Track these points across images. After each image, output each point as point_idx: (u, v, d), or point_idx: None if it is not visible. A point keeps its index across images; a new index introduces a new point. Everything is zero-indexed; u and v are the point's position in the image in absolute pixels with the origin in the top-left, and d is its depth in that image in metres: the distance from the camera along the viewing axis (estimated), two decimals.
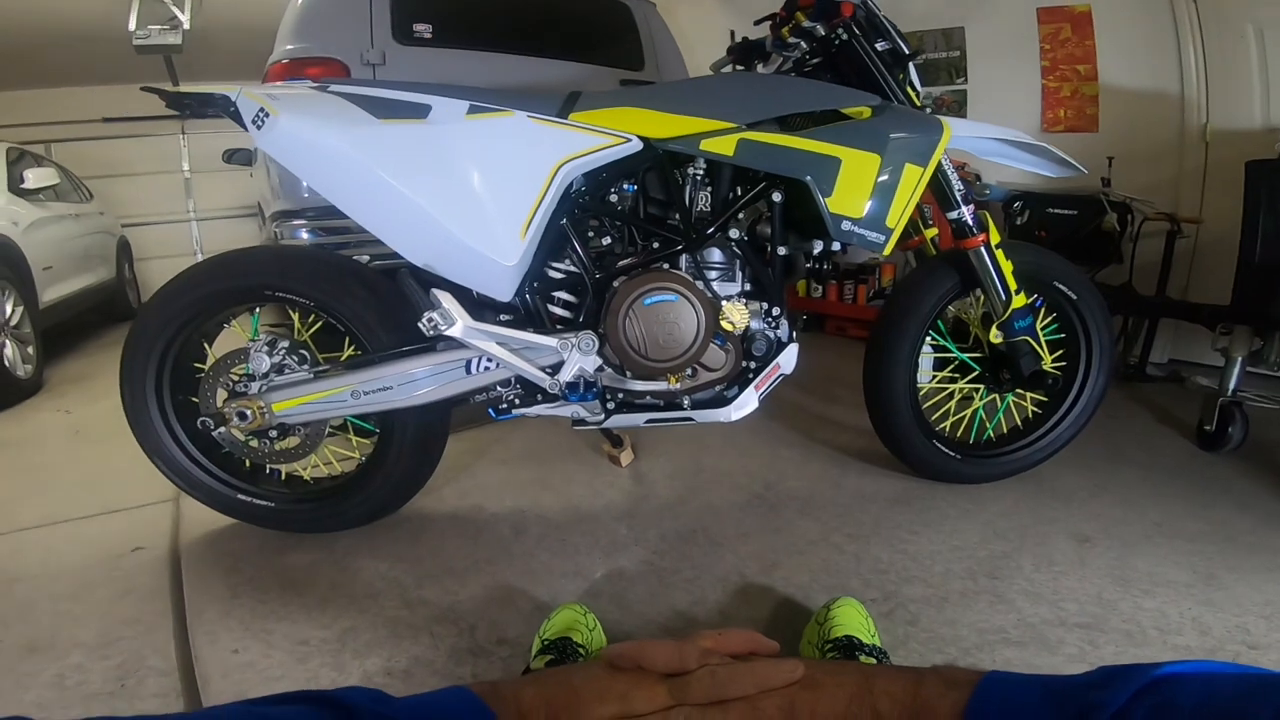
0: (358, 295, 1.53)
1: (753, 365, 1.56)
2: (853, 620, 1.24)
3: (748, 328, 1.52)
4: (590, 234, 1.54)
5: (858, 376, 1.92)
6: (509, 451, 2.22)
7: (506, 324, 1.50)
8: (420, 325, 1.41)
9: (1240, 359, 2.06)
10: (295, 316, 1.63)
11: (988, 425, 1.97)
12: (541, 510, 1.85)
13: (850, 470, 2.05)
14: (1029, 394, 1.92)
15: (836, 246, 1.61)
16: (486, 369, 1.48)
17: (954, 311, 1.95)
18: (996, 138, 1.70)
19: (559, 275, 1.54)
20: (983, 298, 1.86)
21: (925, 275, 1.84)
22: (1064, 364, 1.89)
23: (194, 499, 1.72)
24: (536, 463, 2.13)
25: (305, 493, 1.75)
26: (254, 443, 1.63)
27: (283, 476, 1.79)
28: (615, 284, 1.48)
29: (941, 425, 1.93)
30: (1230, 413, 2.03)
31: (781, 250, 1.55)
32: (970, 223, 1.72)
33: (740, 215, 1.54)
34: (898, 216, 1.53)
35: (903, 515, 1.79)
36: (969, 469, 1.90)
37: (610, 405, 1.55)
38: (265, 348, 1.54)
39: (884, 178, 1.51)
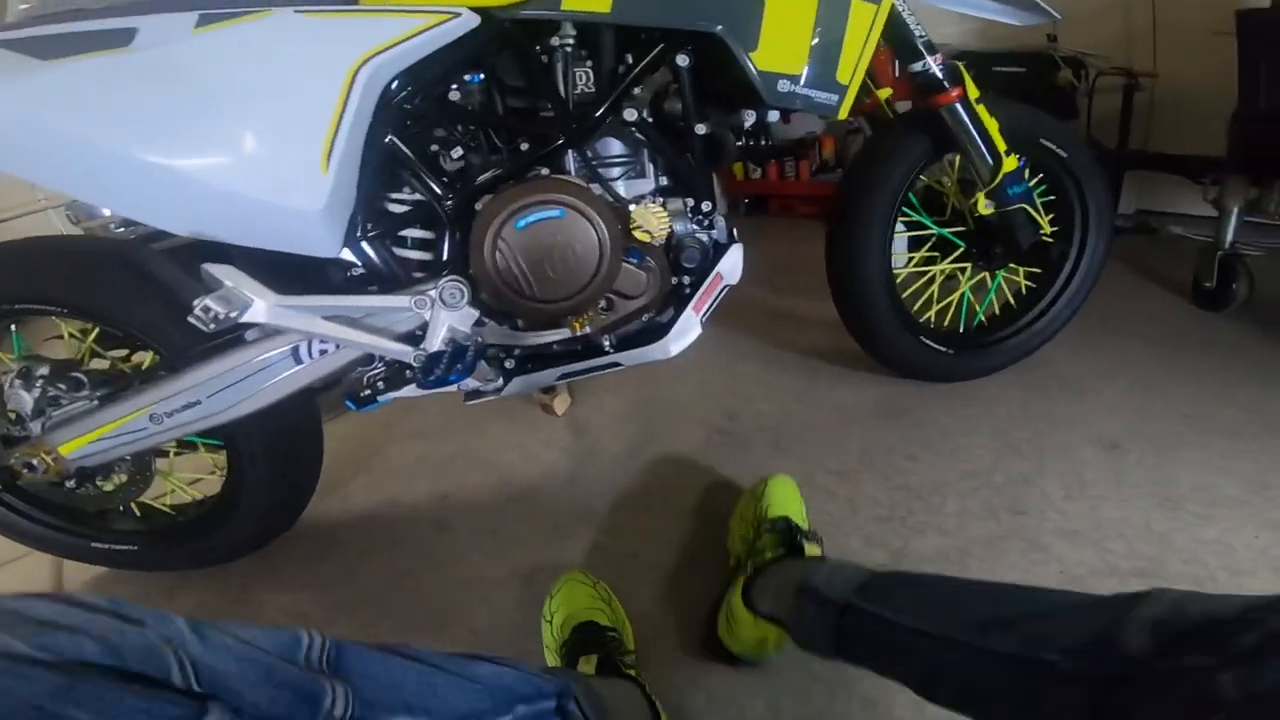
0: (122, 286, 1.02)
1: (686, 281, 1.10)
2: (789, 501, 1.09)
3: (671, 234, 1.05)
4: (434, 148, 1.03)
5: (814, 258, 1.47)
6: (425, 419, 1.73)
7: (342, 287, 1.03)
8: (193, 320, 0.91)
9: (1237, 210, 1.70)
10: (64, 328, 1.13)
11: (978, 309, 1.55)
12: (468, 493, 1.43)
13: (820, 378, 1.63)
14: (1022, 268, 1.52)
15: (774, 117, 1.15)
16: (324, 353, 1.02)
17: (924, 181, 1.50)
18: None
19: (401, 209, 1.03)
20: (958, 163, 1.41)
21: (891, 141, 1.36)
22: (1056, 230, 1.45)
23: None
24: (457, 429, 1.66)
25: (169, 527, 1.31)
26: (77, 490, 1.18)
27: (137, 513, 1.33)
28: (479, 205, 0.99)
29: (925, 316, 1.51)
30: (1233, 267, 1.67)
31: (701, 129, 1.07)
32: (940, 75, 1.25)
33: (636, 91, 1.06)
34: (851, 68, 1.07)
35: (894, 435, 1.39)
36: (963, 363, 1.48)
37: (508, 365, 1.09)
38: (18, 380, 1.04)
39: (826, 20, 1.03)
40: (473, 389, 1.08)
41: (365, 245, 1.00)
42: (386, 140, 0.97)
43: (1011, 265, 1.47)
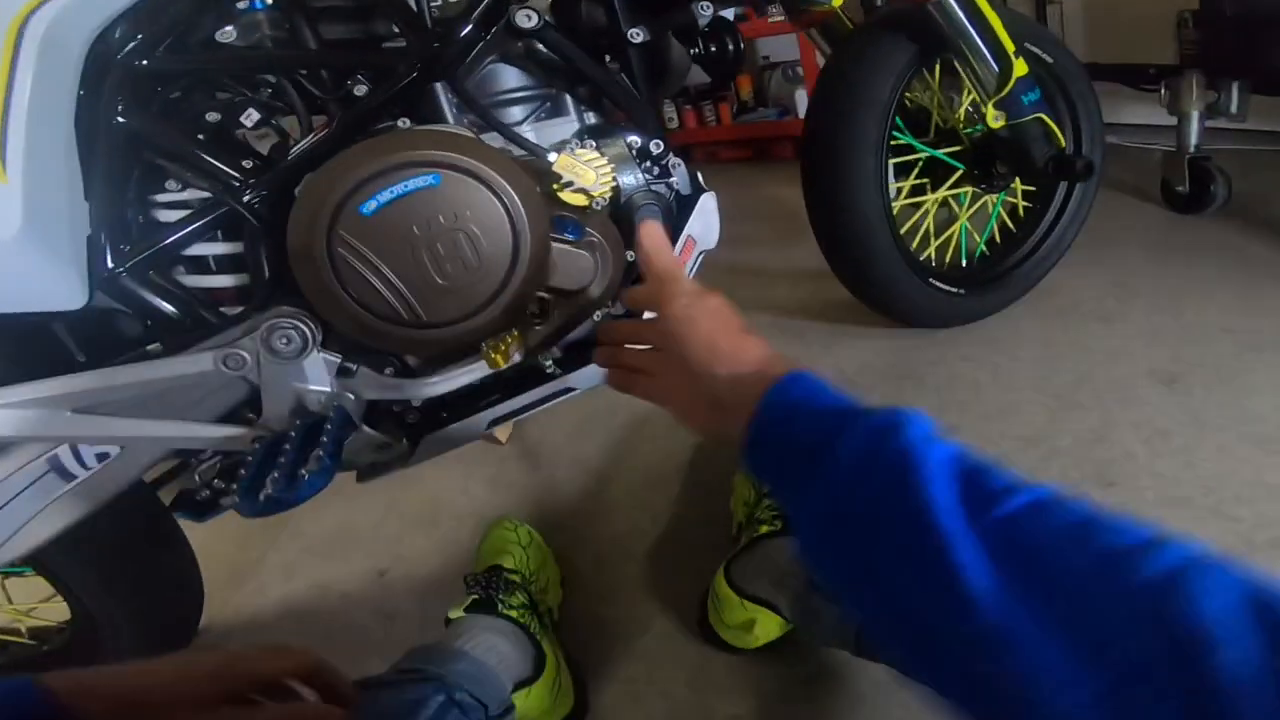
0: None
1: None
2: None
3: (615, 190, 0.64)
4: (215, 117, 0.58)
5: (757, 204, 1.12)
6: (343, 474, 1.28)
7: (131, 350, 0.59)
8: None
9: (1198, 113, 1.45)
10: None
11: (977, 239, 1.19)
12: (410, 565, 1.01)
13: (810, 340, 1.24)
14: (1020, 188, 1.17)
15: (730, 12, 0.76)
16: (105, 458, 0.59)
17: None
18: None
19: (177, 214, 0.58)
20: (938, 72, 1.07)
21: (867, 49, 0.99)
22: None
23: None
24: (383, 479, 1.22)
25: (36, 659, 0.91)
26: None
27: None
28: (299, 190, 0.54)
29: (924, 254, 1.15)
30: (1206, 170, 1.41)
31: (637, 36, 0.67)
32: None
33: None
34: None
35: (919, 400, 1.03)
36: (976, 302, 1.13)
37: (410, 420, 0.67)
38: None
39: None
40: (364, 463, 0.67)
41: (130, 282, 0.55)
42: (116, 120, 0.53)
43: (1011, 186, 1.13)
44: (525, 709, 0.67)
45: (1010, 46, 0.95)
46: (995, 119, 0.98)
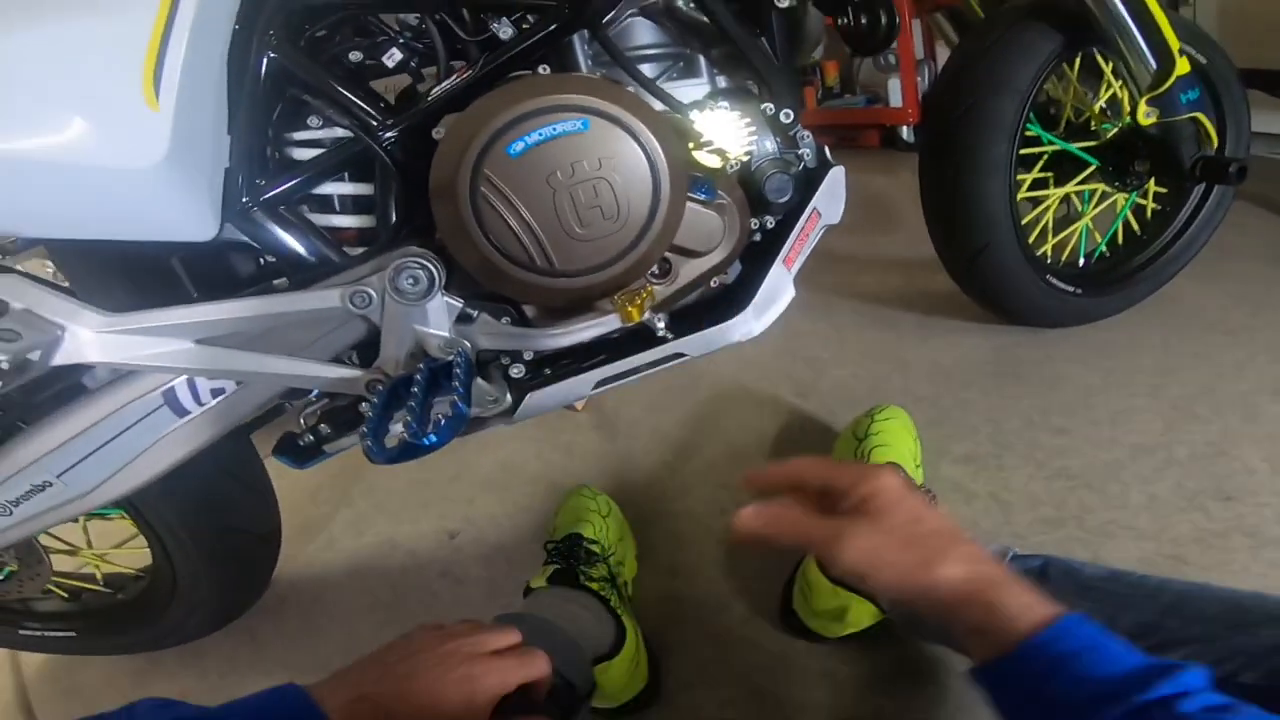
0: None
1: (769, 222, 0.65)
2: (901, 441, 0.84)
3: (749, 155, 0.61)
4: (357, 57, 0.58)
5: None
6: None
7: (244, 288, 0.59)
8: None
9: None
10: None
11: (1099, 238, 1.13)
12: (480, 529, 1.01)
13: (906, 332, 1.20)
14: (1152, 189, 1.10)
15: None
16: (219, 394, 0.60)
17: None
18: None
19: (313, 153, 0.57)
20: (1076, 65, 1.03)
21: (1014, 32, 0.95)
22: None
23: None
24: (455, 441, 1.20)
25: (108, 607, 0.92)
26: None
27: (63, 595, 0.92)
28: (437, 132, 0.54)
29: (1041, 250, 1.09)
30: None
31: (784, 0, 0.64)
32: None
33: None
34: None
35: (1024, 401, 0.98)
36: (1091, 304, 1.08)
37: (515, 374, 0.65)
38: None
39: None
40: (471, 416, 0.66)
41: (261, 217, 0.55)
42: (267, 57, 0.53)
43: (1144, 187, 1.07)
44: (602, 685, 0.67)
45: (1175, 44, 0.89)
46: (1146, 115, 0.93)
